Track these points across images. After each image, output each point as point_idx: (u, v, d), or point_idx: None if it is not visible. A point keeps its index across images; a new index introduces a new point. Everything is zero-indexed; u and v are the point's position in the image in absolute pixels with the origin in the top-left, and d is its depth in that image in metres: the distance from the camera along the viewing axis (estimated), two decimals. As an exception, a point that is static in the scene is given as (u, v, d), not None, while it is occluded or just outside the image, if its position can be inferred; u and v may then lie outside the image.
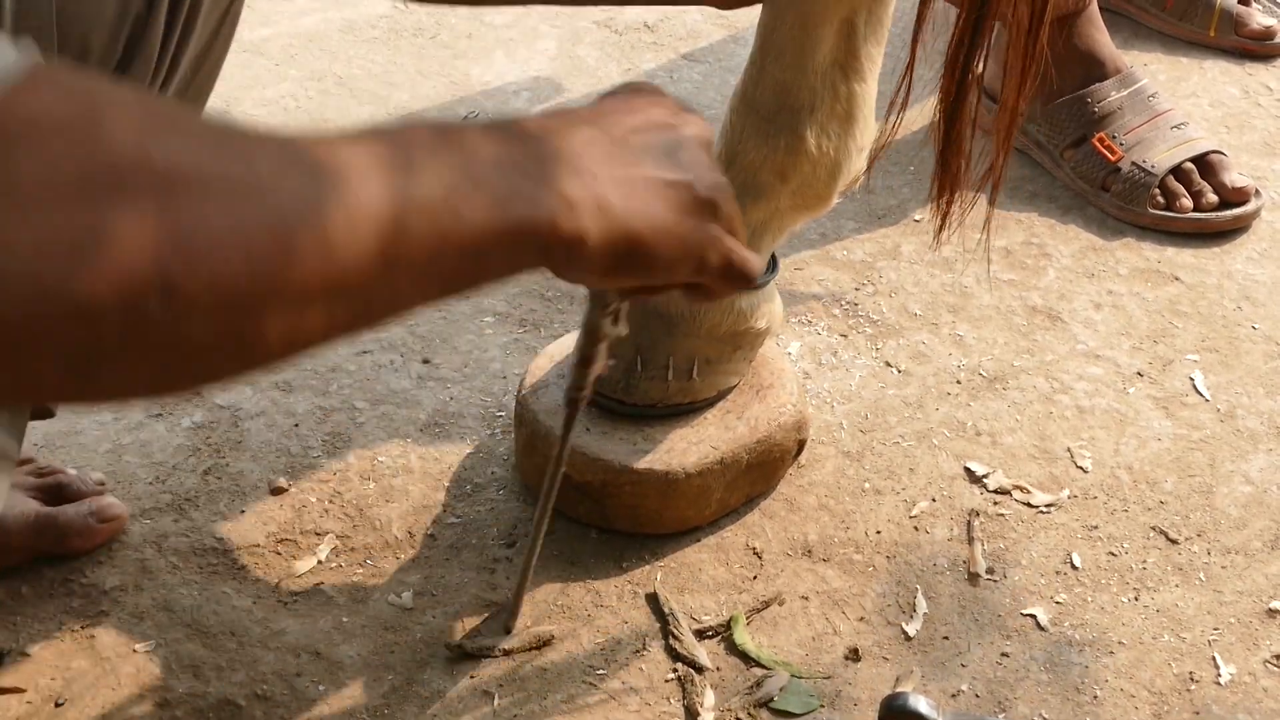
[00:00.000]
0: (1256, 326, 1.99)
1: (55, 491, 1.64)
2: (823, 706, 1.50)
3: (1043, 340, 1.96)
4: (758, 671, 1.53)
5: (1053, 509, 1.72)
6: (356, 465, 1.75)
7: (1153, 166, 2.16)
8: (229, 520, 1.67)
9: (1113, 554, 1.67)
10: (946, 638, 1.57)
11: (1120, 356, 1.93)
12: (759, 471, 1.69)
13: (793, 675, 1.52)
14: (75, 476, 1.65)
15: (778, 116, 1.55)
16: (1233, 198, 2.16)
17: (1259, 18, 2.54)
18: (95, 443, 1.76)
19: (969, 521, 1.70)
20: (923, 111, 2.41)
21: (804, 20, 1.50)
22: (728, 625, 1.57)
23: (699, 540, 1.67)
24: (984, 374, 1.90)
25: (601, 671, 1.53)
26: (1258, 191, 2.18)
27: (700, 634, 1.56)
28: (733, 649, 1.55)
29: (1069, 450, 1.79)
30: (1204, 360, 1.93)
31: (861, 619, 1.59)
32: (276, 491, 1.71)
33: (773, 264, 1.68)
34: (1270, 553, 1.68)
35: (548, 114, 0.99)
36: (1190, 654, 1.56)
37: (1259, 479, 1.77)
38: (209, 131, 0.76)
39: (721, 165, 1.57)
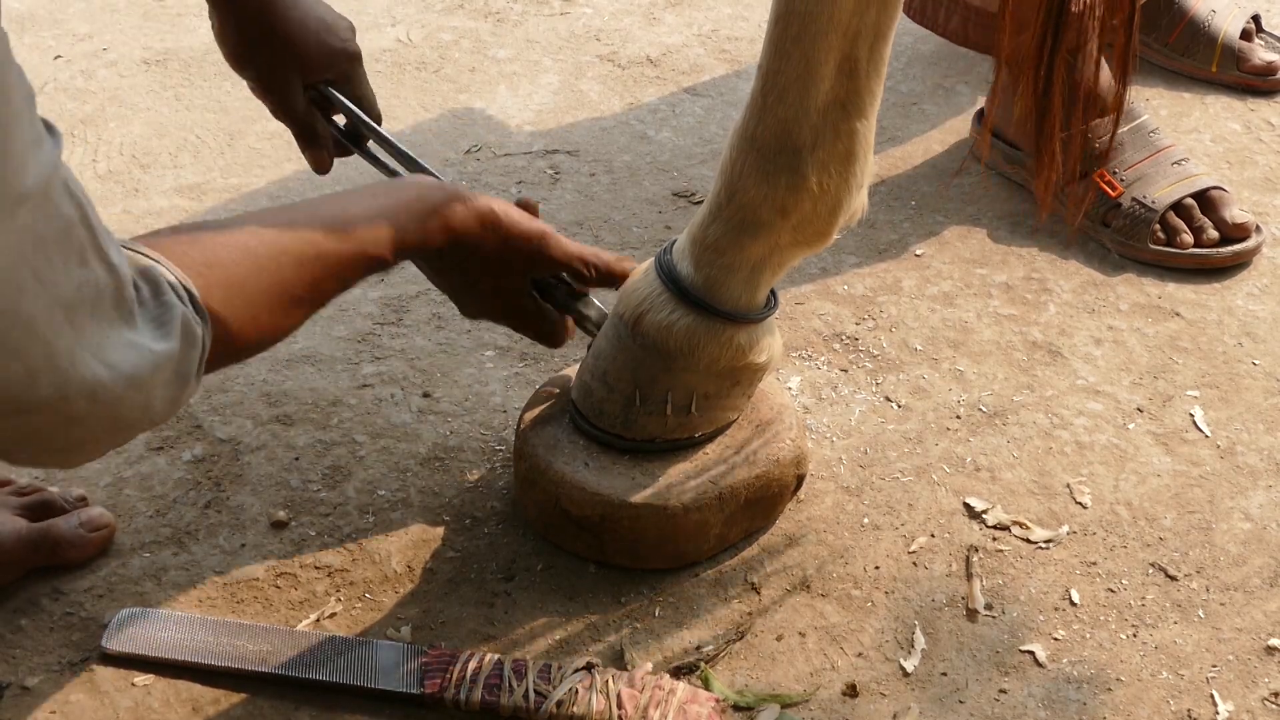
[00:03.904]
0: (1257, 363, 1.99)
1: (40, 508, 1.67)
2: (820, 743, 1.50)
3: (1043, 375, 1.96)
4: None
5: (1052, 545, 1.72)
6: (356, 499, 1.75)
7: (1154, 202, 2.16)
8: (228, 554, 1.68)
9: (1111, 590, 1.67)
10: (945, 674, 1.57)
11: (1120, 392, 1.94)
12: (758, 506, 1.69)
13: (783, 707, 1.52)
14: (57, 493, 1.69)
15: (779, 155, 1.55)
16: (1234, 233, 2.16)
17: (1261, 53, 2.55)
18: (96, 475, 1.76)
19: (968, 557, 1.70)
20: (924, 147, 2.43)
21: (807, 58, 1.50)
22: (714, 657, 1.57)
23: (697, 575, 1.67)
24: (984, 409, 1.90)
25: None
26: (1259, 227, 2.18)
27: (691, 668, 1.56)
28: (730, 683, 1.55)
29: (1068, 486, 1.79)
30: (1204, 396, 1.93)
31: (859, 655, 1.59)
32: (276, 525, 1.71)
33: (772, 299, 1.68)
34: (1269, 590, 1.68)
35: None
36: (1189, 691, 1.56)
37: (1259, 515, 1.77)
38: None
39: (720, 201, 1.59)
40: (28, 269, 1.06)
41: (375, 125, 1.77)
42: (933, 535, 1.73)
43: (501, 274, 1.58)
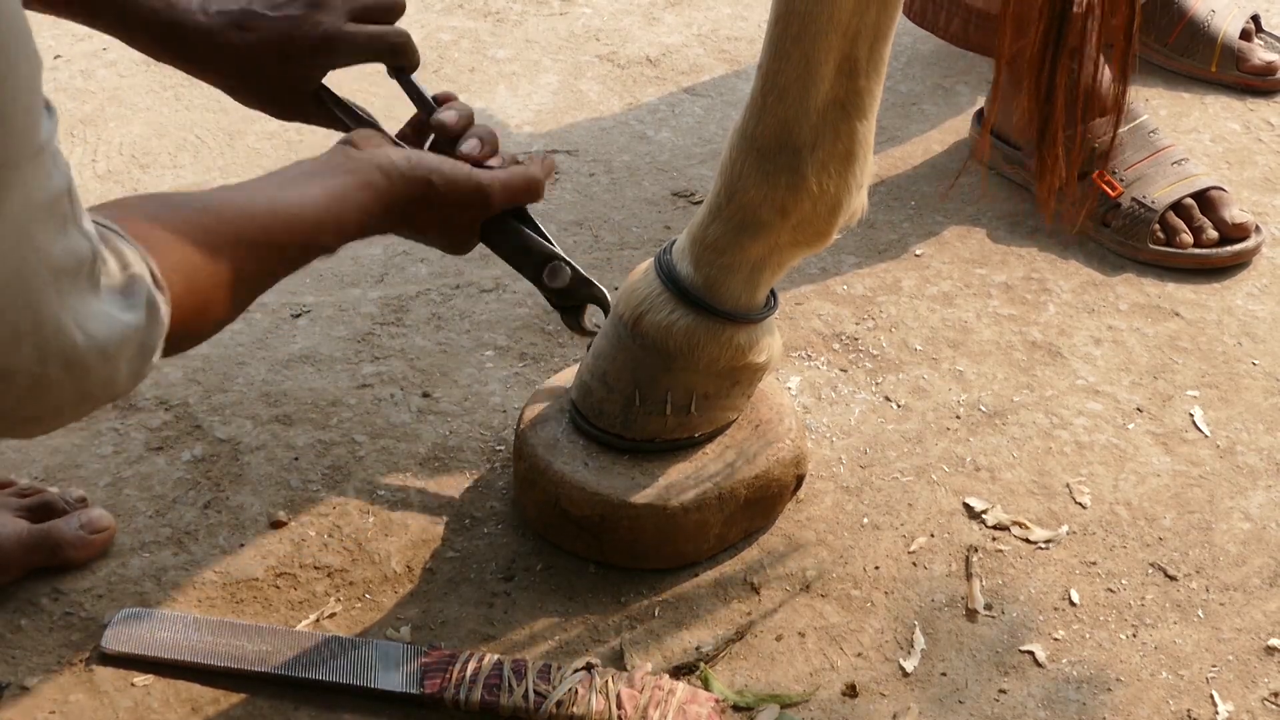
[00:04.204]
0: (1257, 363, 1.99)
1: (41, 510, 1.67)
2: (820, 743, 1.50)
3: (1042, 376, 1.96)
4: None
5: (1051, 545, 1.72)
6: (356, 499, 1.75)
7: (1153, 202, 2.16)
8: (228, 554, 1.68)
9: (1111, 590, 1.67)
10: (944, 674, 1.57)
11: (1120, 392, 1.94)
12: (757, 507, 1.69)
13: (783, 707, 1.52)
14: (58, 494, 1.69)
15: (779, 155, 1.55)
16: (1233, 234, 2.16)
17: (1260, 53, 2.55)
18: (95, 476, 1.76)
19: (967, 557, 1.70)
20: (924, 147, 2.43)
21: (807, 58, 1.50)
22: (712, 656, 1.57)
23: (697, 575, 1.67)
24: (983, 409, 1.90)
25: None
26: (1258, 227, 2.18)
27: (690, 668, 1.56)
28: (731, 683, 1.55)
29: (1068, 486, 1.80)
30: (1204, 396, 1.93)
31: (859, 655, 1.59)
32: (276, 525, 1.71)
33: (772, 299, 1.68)
34: (1269, 590, 1.68)
35: None
36: (1188, 691, 1.56)
37: (1258, 515, 1.77)
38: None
39: (720, 201, 1.59)
40: (30, 230, 1.06)
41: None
42: (932, 535, 1.73)
43: (450, 228, 1.56)
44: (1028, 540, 1.72)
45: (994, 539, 1.72)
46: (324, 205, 1.43)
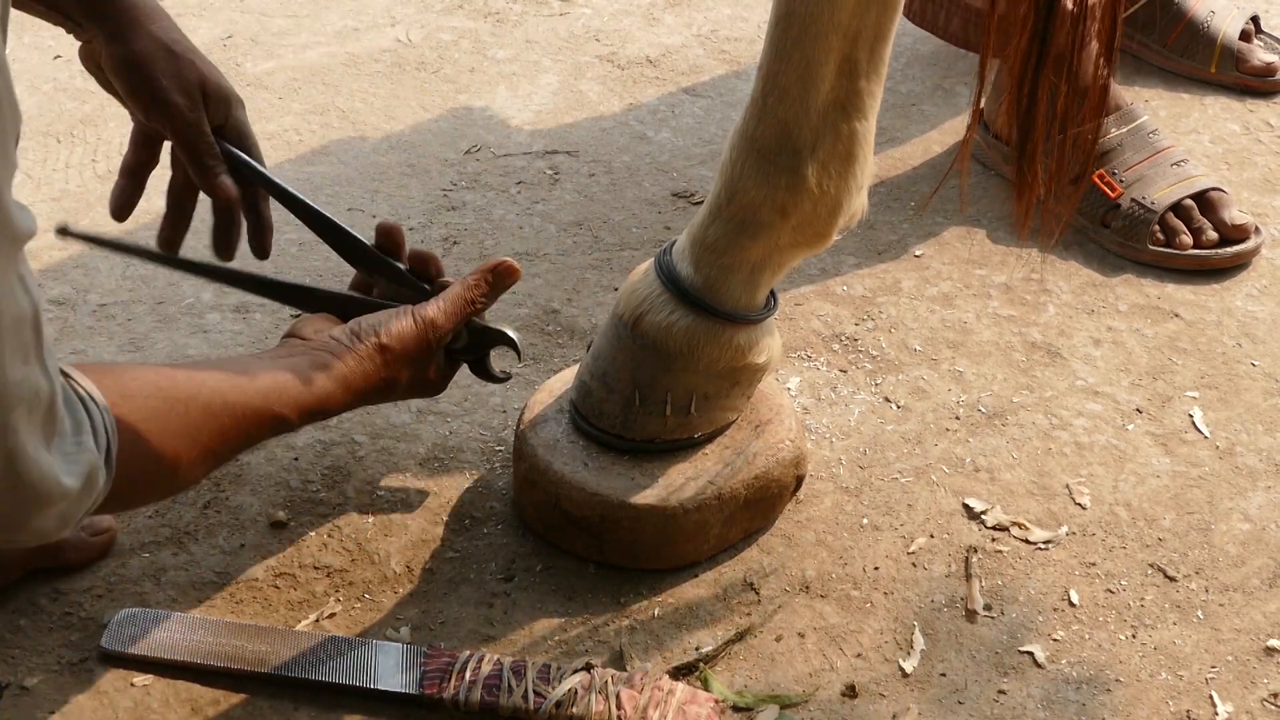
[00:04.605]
0: (1256, 364, 1.99)
1: None
2: (819, 743, 1.50)
3: (1042, 376, 1.96)
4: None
5: (1051, 546, 1.72)
6: (355, 499, 1.75)
7: (1153, 203, 2.16)
8: (227, 554, 1.68)
9: (1110, 591, 1.67)
10: (944, 675, 1.57)
11: (1119, 393, 1.94)
12: (757, 507, 1.69)
13: (783, 707, 1.52)
14: None
15: (779, 156, 1.55)
16: (1233, 235, 2.16)
17: (1260, 54, 2.55)
18: (95, 476, 1.76)
19: (967, 558, 1.70)
20: (924, 148, 2.43)
21: (808, 60, 1.50)
22: (713, 657, 1.57)
23: (697, 575, 1.67)
24: (983, 410, 1.90)
25: (598, 707, 1.53)
26: (1258, 229, 2.18)
27: (690, 669, 1.56)
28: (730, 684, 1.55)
29: (1067, 487, 1.80)
30: (1203, 397, 1.93)
31: (859, 655, 1.59)
32: (275, 525, 1.71)
33: (772, 300, 1.68)
34: (1269, 590, 1.68)
35: None
36: (1188, 692, 1.56)
37: (1258, 516, 1.77)
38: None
39: (720, 202, 1.59)
40: None
41: (272, 177, 1.68)
42: (932, 536, 1.73)
43: (415, 378, 1.60)
44: (1027, 541, 1.72)
45: (993, 540, 1.72)
46: (277, 377, 1.46)
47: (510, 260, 1.64)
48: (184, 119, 1.59)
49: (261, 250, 1.69)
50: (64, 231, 1.60)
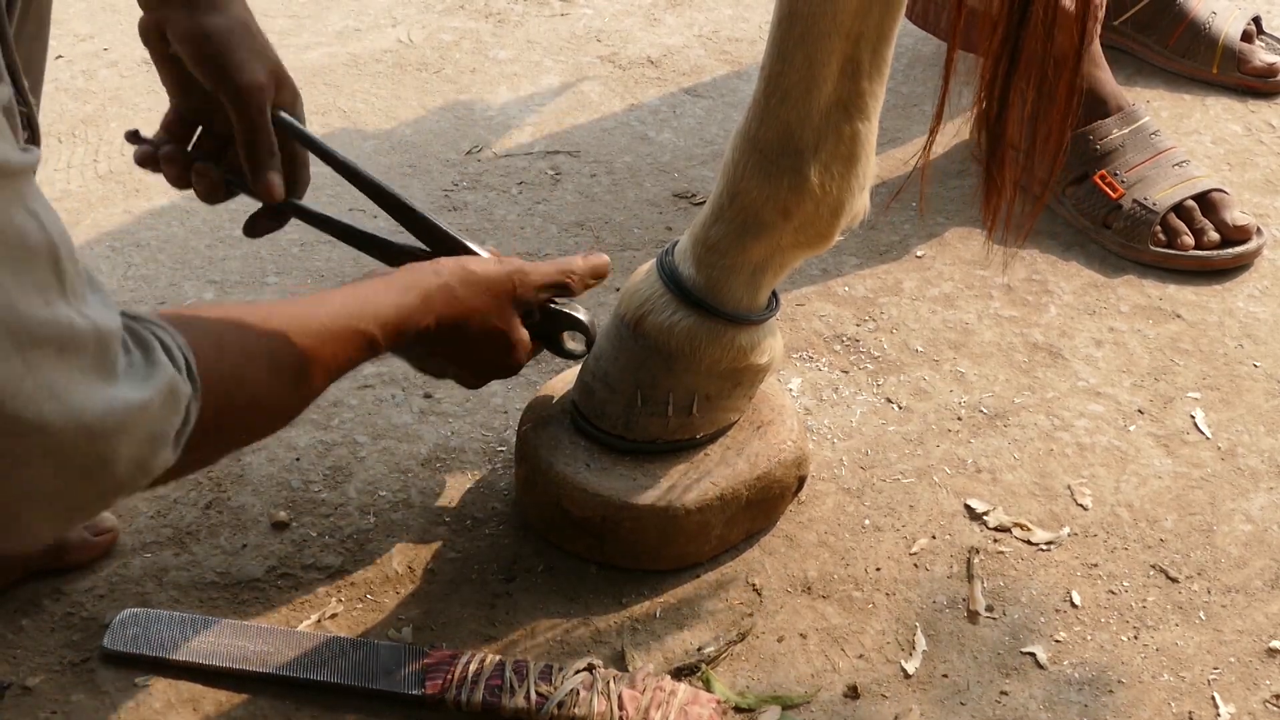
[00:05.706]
0: (1258, 364, 1.99)
1: None
2: (821, 744, 1.50)
3: (1044, 377, 1.96)
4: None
5: (1053, 547, 1.72)
6: (357, 500, 1.75)
7: (1154, 204, 2.16)
8: (229, 554, 1.68)
9: (1112, 592, 1.67)
10: (946, 676, 1.57)
11: (1121, 394, 1.94)
12: (759, 508, 1.69)
13: (785, 708, 1.52)
14: None
15: (782, 156, 1.55)
16: (1234, 236, 2.16)
17: (1262, 55, 2.55)
18: (97, 476, 1.76)
19: (969, 559, 1.70)
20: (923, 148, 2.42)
21: (810, 61, 1.50)
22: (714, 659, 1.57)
23: (699, 576, 1.67)
24: (985, 411, 1.90)
25: (600, 708, 1.52)
26: (1259, 229, 2.18)
27: (692, 669, 1.56)
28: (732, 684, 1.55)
29: (1069, 488, 1.80)
30: (1205, 398, 1.93)
31: (860, 656, 1.59)
32: (277, 525, 1.71)
33: (774, 300, 1.68)
34: (1270, 592, 1.68)
35: None
36: (1190, 693, 1.56)
37: (1260, 517, 1.77)
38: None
39: (722, 203, 1.59)
40: None
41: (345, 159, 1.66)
42: (934, 537, 1.73)
43: (493, 321, 1.53)
44: (1029, 542, 1.72)
45: (995, 541, 1.72)
46: (360, 297, 1.40)
47: (609, 264, 1.63)
48: (256, 99, 1.53)
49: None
50: (134, 136, 1.58)
